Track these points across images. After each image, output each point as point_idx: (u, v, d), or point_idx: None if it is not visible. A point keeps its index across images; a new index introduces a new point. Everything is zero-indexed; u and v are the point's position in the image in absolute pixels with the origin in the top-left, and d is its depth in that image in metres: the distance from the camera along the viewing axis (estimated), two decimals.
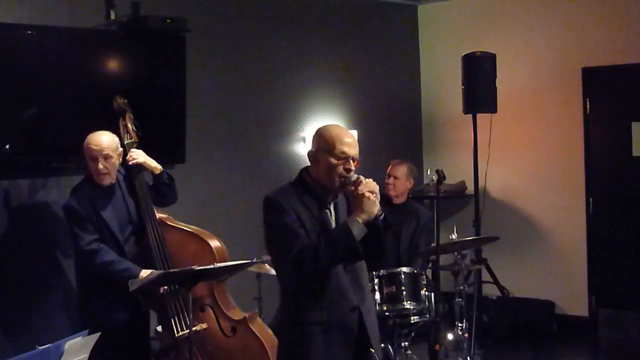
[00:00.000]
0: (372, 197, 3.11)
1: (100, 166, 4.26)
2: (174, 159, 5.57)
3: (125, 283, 4.06)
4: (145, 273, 4.21)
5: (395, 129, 7.37)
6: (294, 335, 3.23)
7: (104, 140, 4.30)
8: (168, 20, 5.25)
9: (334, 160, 3.16)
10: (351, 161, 3.18)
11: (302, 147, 6.60)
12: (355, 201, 3.14)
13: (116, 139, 4.39)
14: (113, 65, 5.24)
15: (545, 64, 6.96)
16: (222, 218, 5.87)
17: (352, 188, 3.15)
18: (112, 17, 5.15)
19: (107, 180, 4.33)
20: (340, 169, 3.17)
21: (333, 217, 3.28)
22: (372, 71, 7.25)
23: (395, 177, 5.46)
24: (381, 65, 7.32)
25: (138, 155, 4.47)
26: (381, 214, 3.17)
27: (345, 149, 3.18)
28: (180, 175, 5.60)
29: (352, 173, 3.18)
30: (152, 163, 4.54)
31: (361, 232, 3.12)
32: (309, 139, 6.61)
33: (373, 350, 3.24)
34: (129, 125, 4.56)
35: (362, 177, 3.16)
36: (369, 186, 3.13)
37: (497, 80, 6.57)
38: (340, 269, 3.21)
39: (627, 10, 6.58)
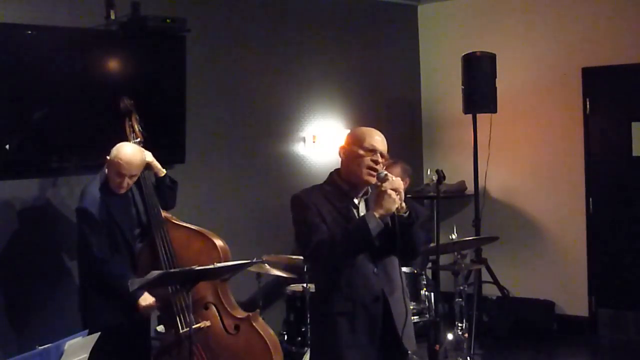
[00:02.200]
0: (393, 194, 3.21)
1: (125, 184, 4.32)
2: (174, 159, 5.57)
3: (122, 295, 4.14)
4: (144, 300, 4.26)
5: (395, 129, 7.35)
6: (322, 325, 3.38)
7: (136, 162, 4.32)
8: (168, 20, 5.25)
9: (362, 152, 3.32)
10: (379, 155, 3.31)
11: (302, 147, 6.60)
12: (377, 197, 3.26)
13: (143, 155, 4.42)
14: (113, 65, 5.24)
15: (545, 64, 6.96)
16: (221, 218, 5.87)
17: (379, 183, 3.27)
18: (112, 17, 5.15)
19: (124, 191, 4.39)
20: (368, 160, 3.31)
21: (363, 213, 3.36)
22: (372, 71, 7.25)
23: None
24: (381, 66, 7.32)
25: (146, 155, 4.50)
26: (406, 212, 3.26)
27: (374, 142, 3.34)
28: (180, 175, 5.60)
29: (381, 169, 3.31)
30: (158, 165, 4.58)
31: (378, 227, 3.22)
32: (309, 139, 6.61)
33: (407, 351, 3.37)
34: (135, 125, 4.60)
35: (389, 175, 3.28)
36: (393, 184, 3.24)
37: (497, 80, 6.58)
38: (364, 260, 3.31)
39: (627, 10, 6.58)
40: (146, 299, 4.28)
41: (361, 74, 7.15)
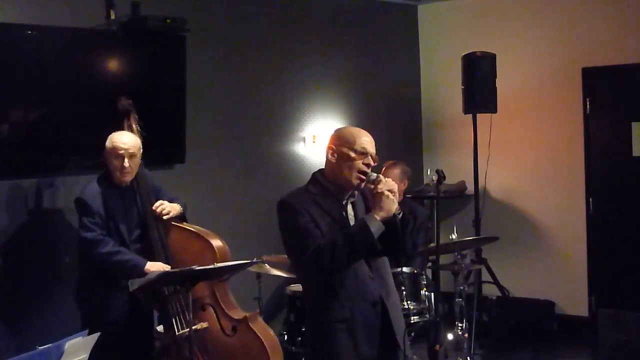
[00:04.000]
0: (391, 195, 3.19)
1: (127, 164, 4.32)
2: (174, 159, 5.58)
3: (126, 275, 4.11)
4: (152, 266, 4.23)
5: (395, 129, 7.37)
6: (320, 334, 3.31)
7: (130, 139, 4.38)
8: (168, 20, 5.25)
9: (353, 155, 3.26)
10: (370, 158, 3.28)
11: (302, 147, 6.61)
12: (374, 199, 3.22)
13: (138, 139, 4.46)
14: (113, 65, 5.24)
15: (545, 64, 6.96)
16: (221, 218, 5.87)
17: (372, 186, 3.23)
18: (112, 17, 5.14)
19: (129, 178, 4.39)
20: (360, 163, 3.26)
21: (352, 216, 3.34)
22: (372, 71, 7.25)
23: None
24: (381, 65, 7.32)
25: (169, 210, 4.46)
26: (399, 212, 3.24)
27: (365, 144, 3.29)
28: (180, 175, 5.62)
29: (371, 172, 3.27)
30: (177, 209, 4.55)
31: (379, 230, 3.18)
32: (309, 139, 6.62)
33: (402, 348, 3.32)
34: (134, 125, 4.57)
35: (381, 176, 3.25)
36: (388, 185, 3.21)
37: (497, 80, 6.58)
38: (360, 265, 3.27)
39: (627, 10, 6.59)
40: (154, 265, 4.25)
41: (361, 74, 7.15)
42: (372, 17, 7.26)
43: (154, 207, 4.41)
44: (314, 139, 6.62)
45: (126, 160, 4.31)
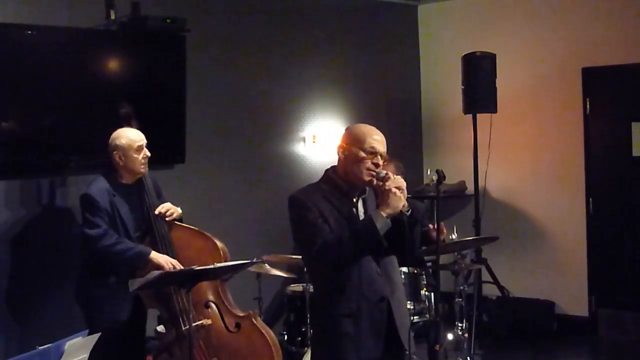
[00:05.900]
0: (398, 193, 3.21)
1: (148, 153, 4.37)
2: (174, 159, 5.58)
3: (131, 264, 4.18)
4: (157, 255, 4.26)
5: (395, 129, 7.35)
6: (326, 328, 3.34)
7: (137, 130, 4.43)
8: (168, 20, 5.26)
9: (362, 154, 3.28)
10: (379, 157, 3.29)
11: (302, 147, 6.61)
12: (381, 196, 3.24)
13: None
14: (113, 65, 5.24)
15: (545, 64, 6.96)
16: (221, 218, 5.87)
17: (380, 183, 3.25)
18: (112, 17, 5.15)
19: (146, 169, 4.41)
20: (369, 163, 3.28)
21: (362, 213, 3.36)
22: (372, 71, 7.25)
23: None
24: (381, 65, 7.32)
25: (172, 212, 4.47)
26: (408, 210, 3.26)
27: (375, 144, 3.31)
28: (180, 175, 5.62)
29: (380, 169, 3.28)
30: (179, 211, 4.55)
31: (385, 227, 3.20)
32: (309, 139, 6.61)
33: (407, 351, 3.32)
34: None
35: (390, 174, 3.27)
36: (396, 182, 3.23)
37: (497, 80, 6.58)
38: (368, 261, 3.29)
39: (627, 10, 6.58)
40: (157, 256, 4.27)
41: (361, 74, 7.15)
42: (372, 17, 7.26)
43: (158, 210, 4.41)
44: (314, 139, 6.62)
45: (146, 149, 4.36)
